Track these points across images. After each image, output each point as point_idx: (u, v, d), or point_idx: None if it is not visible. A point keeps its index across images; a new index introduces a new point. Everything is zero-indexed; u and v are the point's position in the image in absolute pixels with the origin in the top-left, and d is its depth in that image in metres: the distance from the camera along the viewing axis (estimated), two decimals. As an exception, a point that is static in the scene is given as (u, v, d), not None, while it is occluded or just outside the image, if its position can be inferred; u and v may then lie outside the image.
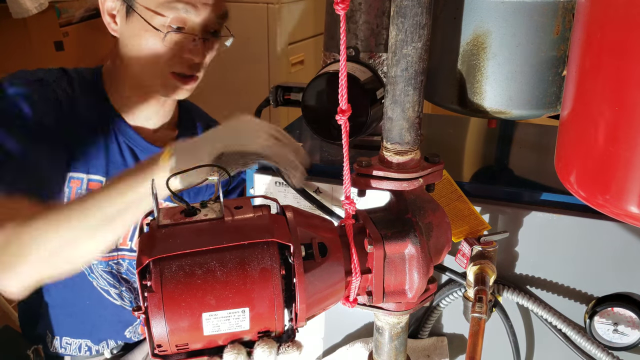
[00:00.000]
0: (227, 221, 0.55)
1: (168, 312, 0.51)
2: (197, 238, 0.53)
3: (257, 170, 0.85)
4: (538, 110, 0.75)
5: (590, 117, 0.53)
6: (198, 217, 0.56)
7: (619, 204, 0.51)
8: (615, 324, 0.74)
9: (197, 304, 0.51)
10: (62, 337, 1.12)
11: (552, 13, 0.70)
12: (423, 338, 0.83)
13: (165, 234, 0.53)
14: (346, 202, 0.59)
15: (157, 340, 0.52)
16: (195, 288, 0.51)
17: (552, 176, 0.65)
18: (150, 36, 0.97)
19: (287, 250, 0.54)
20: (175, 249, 0.52)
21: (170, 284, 0.51)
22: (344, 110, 0.56)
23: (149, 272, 0.52)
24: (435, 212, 0.62)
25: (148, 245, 0.52)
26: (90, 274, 1.08)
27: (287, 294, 0.54)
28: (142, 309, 0.52)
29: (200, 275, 0.52)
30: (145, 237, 0.54)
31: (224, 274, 0.52)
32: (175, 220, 0.55)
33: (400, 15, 0.56)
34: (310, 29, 2.51)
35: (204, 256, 0.52)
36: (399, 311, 0.63)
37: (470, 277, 0.70)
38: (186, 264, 0.52)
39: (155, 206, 0.55)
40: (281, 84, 0.86)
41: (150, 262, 0.51)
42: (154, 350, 0.53)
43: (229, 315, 0.52)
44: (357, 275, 0.58)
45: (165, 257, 0.52)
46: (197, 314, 0.52)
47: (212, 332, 0.53)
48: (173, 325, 0.51)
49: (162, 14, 0.95)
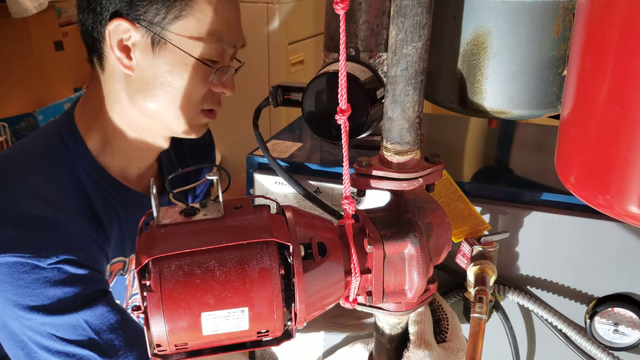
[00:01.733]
0: (226, 221, 0.55)
1: (167, 312, 0.51)
2: (196, 238, 0.53)
3: (257, 170, 0.85)
4: (538, 110, 0.75)
5: (590, 117, 0.52)
6: (197, 217, 0.56)
7: (619, 204, 0.51)
8: (616, 324, 0.74)
9: (197, 303, 0.51)
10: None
11: (552, 13, 0.70)
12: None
13: (164, 234, 0.53)
14: (346, 201, 0.59)
15: (156, 340, 0.52)
16: (195, 288, 0.51)
17: (552, 176, 0.65)
18: (191, 71, 0.84)
19: (286, 250, 0.54)
20: (175, 248, 0.52)
21: (169, 283, 0.51)
22: (343, 110, 0.56)
23: (148, 272, 0.52)
24: (435, 212, 0.62)
25: (147, 245, 0.52)
26: None
27: (286, 294, 0.54)
28: (141, 308, 0.52)
29: (199, 275, 0.51)
30: (144, 237, 0.54)
31: (223, 273, 0.52)
32: (175, 220, 0.55)
33: (401, 15, 0.56)
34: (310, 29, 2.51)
35: (203, 256, 0.52)
36: (399, 311, 0.63)
37: (470, 277, 0.70)
38: (185, 263, 0.52)
39: (154, 206, 0.55)
40: (281, 83, 0.85)
41: (150, 262, 0.51)
42: (153, 350, 0.53)
43: (228, 314, 0.52)
44: (356, 275, 0.58)
45: (165, 256, 0.52)
46: (197, 313, 0.52)
47: (211, 331, 0.52)
48: (172, 324, 0.51)
49: (206, 46, 0.84)
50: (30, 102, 2.22)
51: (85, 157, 0.88)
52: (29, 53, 2.21)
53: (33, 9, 2.03)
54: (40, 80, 2.27)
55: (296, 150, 0.90)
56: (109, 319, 0.79)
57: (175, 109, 0.86)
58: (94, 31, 0.85)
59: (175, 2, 0.81)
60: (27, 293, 0.76)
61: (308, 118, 0.79)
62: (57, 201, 0.82)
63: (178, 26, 0.82)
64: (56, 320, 0.77)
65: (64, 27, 2.37)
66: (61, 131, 0.89)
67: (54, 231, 0.79)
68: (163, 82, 0.84)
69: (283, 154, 0.88)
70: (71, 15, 2.39)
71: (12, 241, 0.76)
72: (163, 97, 0.85)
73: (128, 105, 0.87)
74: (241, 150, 1.23)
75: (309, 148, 0.91)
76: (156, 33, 0.82)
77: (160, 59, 0.83)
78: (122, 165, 0.93)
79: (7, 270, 0.75)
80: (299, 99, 0.80)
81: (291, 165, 0.85)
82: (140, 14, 0.81)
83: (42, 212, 0.79)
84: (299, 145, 0.92)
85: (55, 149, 0.87)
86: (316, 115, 0.79)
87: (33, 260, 0.75)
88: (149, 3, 0.81)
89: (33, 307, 0.76)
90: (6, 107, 2.14)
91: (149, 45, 0.83)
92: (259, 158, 0.86)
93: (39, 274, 0.76)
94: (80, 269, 0.78)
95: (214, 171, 0.57)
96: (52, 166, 0.86)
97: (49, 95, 2.29)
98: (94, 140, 0.89)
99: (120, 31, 0.82)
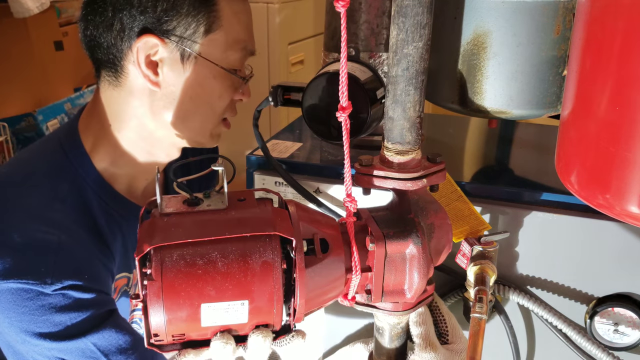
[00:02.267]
0: (230, 213, 0.55)
1: (167, 301, 0.51)
2: (199, 228, 0.53)
3: (257, 170, 0.85)
4: (538, 110, 0.75)
5: (590, 117, 0.52)
6: (201, 207, 0.55)
7: (619, 204, 0.51)
8: (616, 324, 0.74)
9: (197, 294, 0.51)
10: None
11: (552, 13, 0.70)
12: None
13: (167, 223, 0.53)
14: (347, 199, 0.59)
15: (154, 329, 0.52)
16: (196, 278, 0.51)
17: (552, 176, 0.65)
18: (220, 82, 0.83)
19: (289, 245, 0.54)
20: (177, 238, 0.51)
21: (170, 273, 0.51)
22: (344, 108, 0.56)
23: (149, 260, 0.51)
24: (437, 213, 0.62)
25: (150, 233, 0.52)
26: None
27: (287, 289, 0.54)
28: (140, 297, 0.52)
29: (201, 266, 0.51)
30: (147, 225, 0.53)
31: (225, 265, 0.51)
32: (178, 209, 0.55)
33: (401, 15, 0.56)
34: (310, 29, 2.51)
35: (205, 246, 0.52)
36: (397, 311, 0.63)
37: (470, 277, 0.70)
38: (187, 253, 0.51)
39: (158, 194, 0.54)
40: (281, 83, 0.85)
41: (151, 250, 0.51)
42: (149, 339, 0.53)
43: (228, 307, 0.52)
44: (357, 272, 0.58)
45: (167, 245, 0.51)
46: (196, 304, 0.51)
47: (210, 323, 0.52)
48: (171, 314, 0.51)
49: (233, 55, 0.83)
50: (30, 102, 2.22)
51: (90, 173, 0.86)
52: (29, 53, 2.21)
53: (35, 9, 2.03)
54: (40, 80, 2.28)
55: (296, 150, 0.90)
56: (118, 341, 0.78)
57: (200, 121, 0.85)
58: (113, 48, 0.81)
59: (204, 15, 0.80)
60: (33, 320, 0.75)
61: (308, 118, 0.80)
62: (60, 221, 0.80)
63: (208, 39, 0.81)
64: (64, 346, 0.76)
65: (64, 27, 2.37)
66: (64, 145, 0.87)
67: (58, 255, 0.77)
68: (192, 96, 0.83)
69: (283, 154, 0.88)
70: (71, 15, 2.39)
71: (15, 267, 0.74)
72: (191, 110, 0.84)
73: (149, 121, 0.85)
74: (241, 150, 1.23)
75: (309, 148, 0.91)
76: (186, 47, 0.80)
77: (189, 73, 0.82)
78: (129, 179, 0.91)
79: (11, 298, 0.74)
80: (299, 99, 0.80)
81: (291, 165, 0.85)
82: (169, 29, 0.79)
83: (46, 236, 0.77)
84: (299, 145, 0.92)
85: (59, 164, 0.85)
86: (316, 115, 0.79)
87: (37, 287, 0.74)
88: (178, 18, 0.79)
89: (40, 333, 0.75)
90: (6, 107, 2.14)
91: (177, 60, 0.81)
92: (259, 158, 0.86)
93: (44, 301, 0.75)
94: (86, 294, 0.77)
95: (219, 162, 0.56)
96: (55, 182, 0.84)
97: (49, 95, 2.29)
98: (101, 155, 0.87)
99: (148, 47, 0.79)
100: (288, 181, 0.79)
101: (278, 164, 0.80)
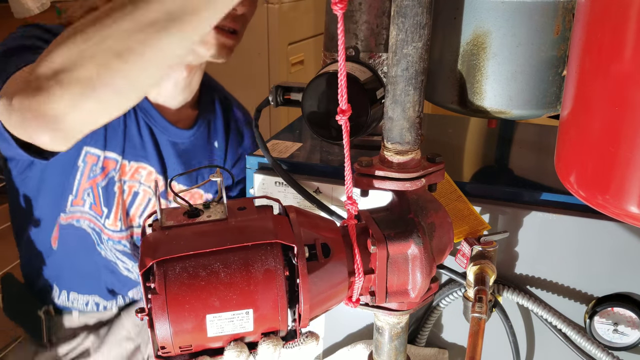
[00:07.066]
0: (230, 222, 0.55)
1: (172, 314, 0.51)
2: (200, 239, 0.53)
3: (257, 170, 0.85)
4: (538, 110, 0.75)
5: (590, 117, 0.53)
6: (201, 218, 0.55)
7: (619, 204, 0.51)
8: (616, 324, 0.74)
9: (201, 305, 0.51)
10: (69, 291, 1.10)
11: (552, 13, 0.70)
12: (422, 340, 0.83)
13: (168, 236, 0.53)
14: (348, 202, 0.59)
15: (160, 342, 0.52)
16: (199, 290, 0.51)
17: (552, 176, 0.65)
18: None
19: (290, 252, 0.54)
20: (179, 250, 0.52)
21: (174, 285, 0.51)
22: (344, 110, 0.56)
23: (153, 274, 0.52)
24: (437, 212, 0.62)
25: (151, 247, 0.52)
26: (100, 244, 1.06)
27: (290, 295, 0.54)
28: (145, 311, 0.52)
29: (204, 277, 0.51)
30: (148, 239, 0.53)
31: (227, 275, 0.52)
32: (179, 221, 0.55)
33: (401, 15, 0.56)
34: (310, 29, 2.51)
35: (207, 258, 0.52)
36: (401, 310, 0.63)
37: (470, 277, 0.71)
38: (190, 265, 0.52)
39: (158, 207, 0.55)
40: (281, 83, 0.85)
41: (154, 264, 0.51)
42: (157, 352, 0.53)
43: (233, 316, 0.52)
44: (360, 275, 0.58)
45: (169, 258, 0.51)
46: (201, 315, 0.51)
47: (216, 333, 0.52)
48: (177, 327, 0.51)
49: None
50: (30, 102, 2.22)
51: None
52: (29, 53, 2.21)
53: (35, 9, 2.03)
54: (40, 80, 2.27)
55: (296, 150, 0.90)
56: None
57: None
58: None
59: None
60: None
61: (308, 118, 0.80)
62: None
63: None
64: None
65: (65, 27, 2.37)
66: None
67: None
68: None
69: (283, 154, 0.88)
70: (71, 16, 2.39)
71: None
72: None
73: None
74: (241, 150, 1.23)
75: (309, 148, 0.91)
76: None
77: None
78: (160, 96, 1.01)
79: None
80: (299, 99, 0.80)
81: (291, 165, 0.85)
82: None
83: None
84: (299, 145, 0.92)
85: None
86: (316, 115, 0.79)
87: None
88: None
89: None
90: (6, 107, 2.13)
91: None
92: (259, 158, 0.86)
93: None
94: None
95: (217, 172, 0.57)
96: None
97: (49, 95, 2.29)
98: None
99: None
100: (288, 181, 0.79)
101: (278, 164, 0.80)
